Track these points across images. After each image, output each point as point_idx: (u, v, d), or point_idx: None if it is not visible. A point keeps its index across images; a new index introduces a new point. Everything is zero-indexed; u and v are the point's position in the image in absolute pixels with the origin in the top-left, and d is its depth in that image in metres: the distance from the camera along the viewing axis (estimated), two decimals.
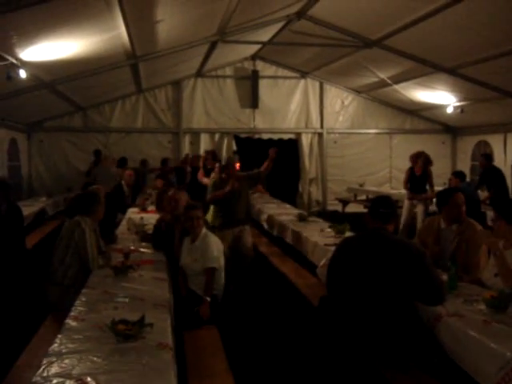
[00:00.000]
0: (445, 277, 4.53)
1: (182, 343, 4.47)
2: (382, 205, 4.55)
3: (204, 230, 5.79)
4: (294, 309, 6.51)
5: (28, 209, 10.44)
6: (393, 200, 4.98)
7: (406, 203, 10.96)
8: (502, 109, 13.04)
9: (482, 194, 11.42)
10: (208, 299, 5.30)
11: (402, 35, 10.75)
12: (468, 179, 12.20)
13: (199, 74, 16.19)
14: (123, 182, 11.46)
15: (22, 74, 8.72)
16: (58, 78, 10.96)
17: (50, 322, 4.98)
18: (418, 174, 10.89)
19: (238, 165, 8.00)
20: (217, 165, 8.52)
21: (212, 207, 8.04)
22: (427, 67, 12.19)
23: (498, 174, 11.44)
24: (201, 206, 6.03)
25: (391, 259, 4.14)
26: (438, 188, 9.47)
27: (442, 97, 14.25)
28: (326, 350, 4.67)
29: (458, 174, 10.59)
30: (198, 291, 5.48)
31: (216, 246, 5.69)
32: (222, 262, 5.73)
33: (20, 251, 7.23)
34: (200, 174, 11.38)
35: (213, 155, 12.41)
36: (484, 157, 12.00)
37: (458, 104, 14.18)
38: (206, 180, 10.29)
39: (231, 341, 4.92)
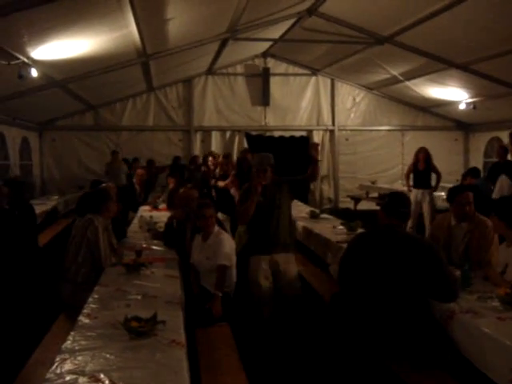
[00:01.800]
0: (458, 273, 4.50)
1: (194, 340, 4.46)
2: (402, 204, 4.50)
3: (216, 228, 5.80)
4: (306, 306, 6.49)
5: (40, 207, 10.46)
6: (408, 197, 4.94)
7: (412, 197, 10.97)
8: None
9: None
10: (219, 294, 5.31)
11: (414, 31, 10.70)
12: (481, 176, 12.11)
13: (210, 71, 16.20)
14: (134, 181, 11.54)
15: (34, 72, 8.74)
16: (69, 76, 10.98)
17: (63, 320, 5.00)
18: (421, 168, 11.40)
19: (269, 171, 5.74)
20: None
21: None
22: (439, 63, 12.13)
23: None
24: (212, 204, 6.03)
25: (405, 255, 4.12)
26: (449, 185, 9.43)
27: (454, 93, 14.18)
28: (338, 346, 4.66)
29: (472, 171, 10.52)
30: (210, 288, 5.48)
31: (228, 244, 5.70)
32: (233, 259, 5.74)
33: (33, 250, 7.26)
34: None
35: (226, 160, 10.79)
36: (503, 149, 11.90)
37: (470, 100, 14.11)
38: (221, 183, 9.36)
39: (243, 338, 4.91)
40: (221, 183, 9.48)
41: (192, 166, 14.16)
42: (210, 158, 12.48)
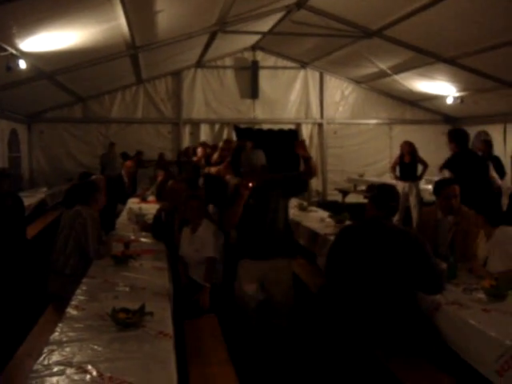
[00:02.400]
0: (444, 265, 4.54)
1: (181, 332, 4.48)
2: (391, 198, 4.51)
3: (205, 220, 5.80)
4: (294, 297, 6.52)
5: (29, 199, 10.42)
6: (397, 191, 4.94)
7: (399, 190, 11.02)
8: (501, 99, 13.01)
9: None
10: (208, 285, 5.34)
11: (403, 25, 10.72)
12: None
13: (199, 64, 16.18)
14: (123, 173, 11.51)
15: (22, 64, 8.70)
16: (57, 68, 10.95)
17: (51, 311, 5.01)
18: (407, 161, 11.69)
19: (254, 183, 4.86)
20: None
21: None
22: (427, 57, 12.16)
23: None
24: (201, 196, 6.04)
25: (391, 247, 4.15)
26: (436, 178, 9.48)
27: (441, 87, 14.22)
28: (326, 338, 4.69)
29: None
30: (199, 280, 5.50)
31: (217, 236, 5.70)
32: (221, 252, 5.75)
33: (21, 242, 7.25)
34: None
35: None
36: (485, 142, 11.92)
37: (457, 94, 14.16)
38: (213, 169, 9.25)
39: (231, 329, 4.93)
40: (213, 169, 9.18)
41: (184, 157, 14.13)
42: (199, 149, 12.42)
